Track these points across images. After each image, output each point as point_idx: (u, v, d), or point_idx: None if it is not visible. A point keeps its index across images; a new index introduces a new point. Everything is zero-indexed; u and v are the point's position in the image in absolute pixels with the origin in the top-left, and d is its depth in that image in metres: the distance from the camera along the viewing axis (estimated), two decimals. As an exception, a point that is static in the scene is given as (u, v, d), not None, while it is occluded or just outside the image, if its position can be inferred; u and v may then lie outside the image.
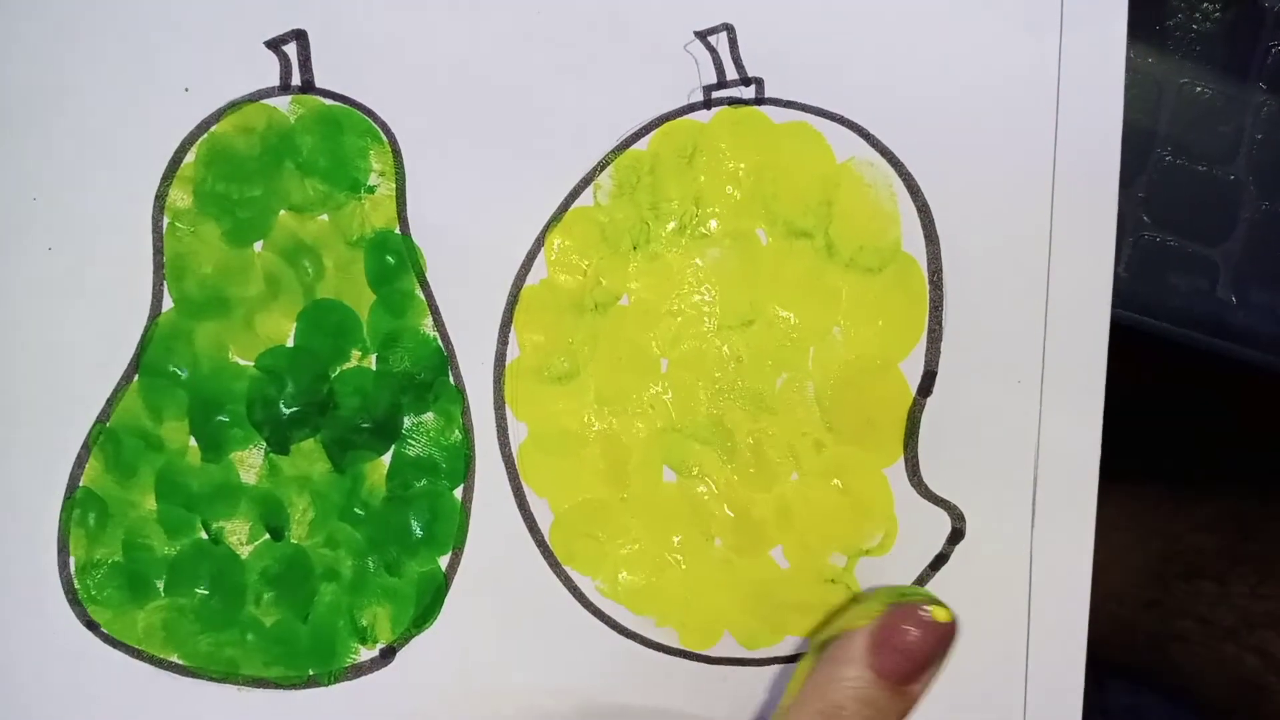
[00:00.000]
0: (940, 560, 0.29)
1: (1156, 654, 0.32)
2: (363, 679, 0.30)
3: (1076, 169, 0.28)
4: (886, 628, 0.26)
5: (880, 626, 0.26)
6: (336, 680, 0.30)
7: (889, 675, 0.25)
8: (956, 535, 0.29)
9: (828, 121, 0.29)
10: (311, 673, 0.30)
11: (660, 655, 0.30)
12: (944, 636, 0.26)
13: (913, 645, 0.26)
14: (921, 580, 0.29)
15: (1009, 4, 0.29)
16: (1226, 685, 0.31)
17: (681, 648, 0.30)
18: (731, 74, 0.29)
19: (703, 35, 0.29)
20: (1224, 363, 0.32)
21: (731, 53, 0.29)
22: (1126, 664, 0.34)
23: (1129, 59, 0.30)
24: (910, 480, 0.29)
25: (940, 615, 0.26)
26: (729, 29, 0.29)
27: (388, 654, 0.30)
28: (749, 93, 0.29)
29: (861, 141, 0.29)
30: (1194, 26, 0.31)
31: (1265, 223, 0.32)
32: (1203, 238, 0.32)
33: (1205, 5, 0.31)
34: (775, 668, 0.30)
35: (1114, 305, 0.32)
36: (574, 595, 0.30)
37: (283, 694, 0.30)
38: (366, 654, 0.30)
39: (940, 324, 0.29)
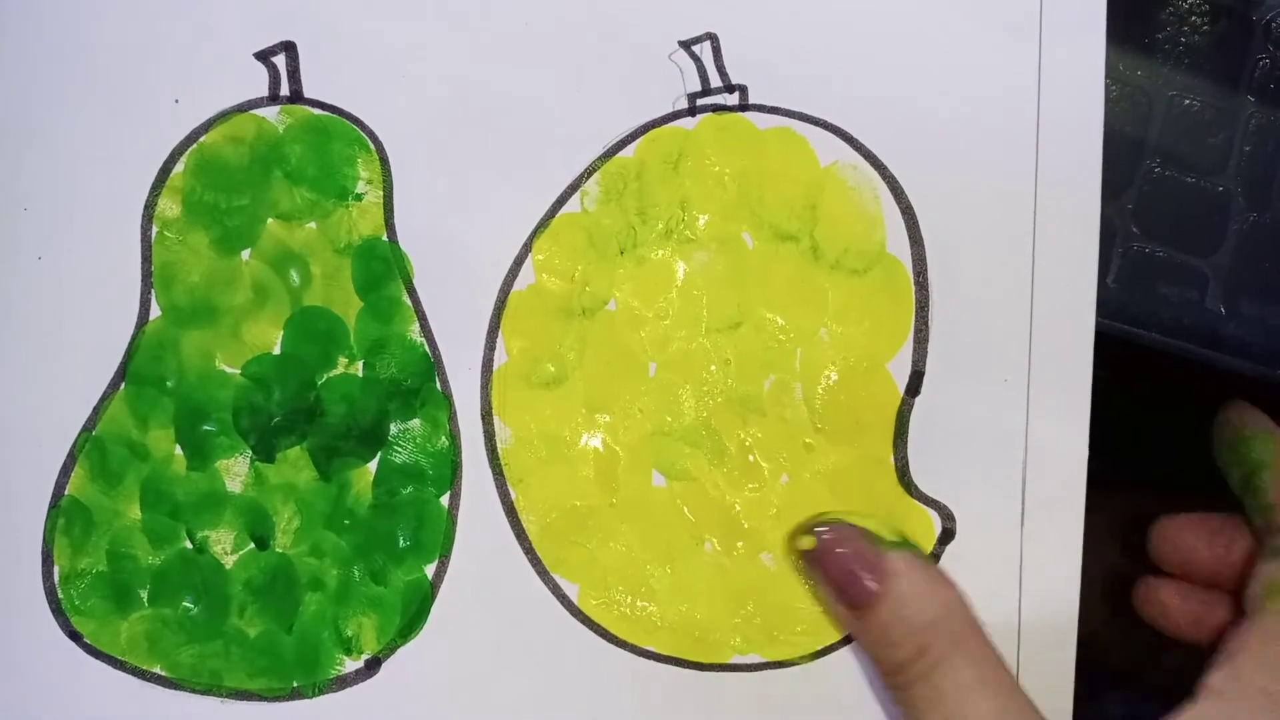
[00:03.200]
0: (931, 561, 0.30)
1: (1151, 663, 0.33)
2: (347, 690, 0.30)
3: (1058, 167, 0.30)
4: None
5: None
6: (321, 692, 0.30)
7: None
8: (947, 535, 0.30)
9: (811, 126, 0.31)
10: (296, 684, 0.30)
11: (651, 662, 0.30)
12: (813, 559, 0.27)
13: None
14: (913, 582, 0.30)
15: (989, 9, 0.30)
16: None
17: (672, 655, 0.30)
18: (715, 82, 0.31)
19: (687, 45, 0.31)
20: (1215, 373, 0.33)
21: (715, 61, 0.31)
22: (1122, 673, 0.34)
23: (1119, 71, 0.32)
24: (900, 480, 0.30)
25: (804, 544, 0.28)
26: (713, 38, 0.30)
27: (373, 665, 0.30)
28: (733, 100, 0.31)
29: (845, 145, 0.30)
30: (1183, 39, 0.32)
31: (1255, 234, 0.33)
32: (1192, 249, 0.33)
33: (1194, 18, 0.32)
34: (767, 673, 0.30)
35: (1104, 316, 0.33)
36: (562, 603, 0.30)
37: (266, 706, 0.30)
38: (351, 665, 0.30)
39: (927, 324, 0.30)
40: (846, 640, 0.31)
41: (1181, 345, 0.33)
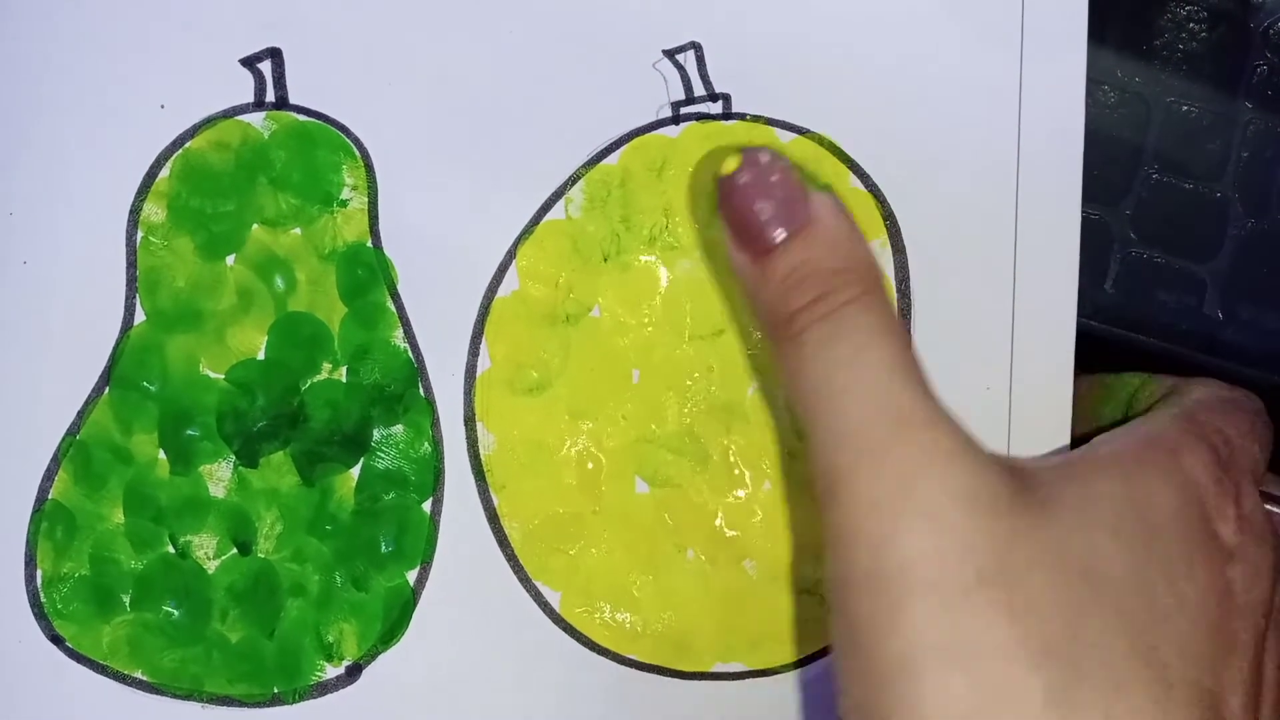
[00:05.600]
0: (913, 569, 0.30)
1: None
2: (328, 697, 0.31)
3: (1040, 174, 0.30)
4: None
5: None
6: (301, 698, 0.31)
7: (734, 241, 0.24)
8: (929, 543, 0.30)
9: (794, 134, 0.31)
10: (276, 690, 0.31)
11: (633, 671, 0.31)
12: (728, 191, 0.24)
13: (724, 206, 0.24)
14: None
15: (970, 17, 0.31)
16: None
17: (654, 663, 0.31)
18: (699, 90, 0.31)
19: (671, 54, 0.31)
20: (1212, 379, 0.33)
21: (699, 70, 0.31)
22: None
23: (1117, 78, 0.32)
24: (882, 488, 0.30)
25: (727, 167, 0.24)
26: (696, 47, 0.31)
27: (354, 671, 0.31)
28: (716, 108, 0.31)
29: (829, 154, 0.31)
30: (1181, 46, 0.33)
31: (1252, 240, 0.33)
32: (1190, 255, 0.34)
33: (1192, 25, 0.33)
34: (749, 681, 0.31)
35: (1102, 322, 0.33)
36: (544, 610, 0.31)
37: (247, 711, 0.31)
38: (332, 671, 0.31)
39: (909, 332, 0.31)
40: (830, 649, 0.31)
41: (1179, 350, 0.33)
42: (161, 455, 0.31)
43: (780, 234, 0.23)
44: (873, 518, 0.21)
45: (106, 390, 0.31)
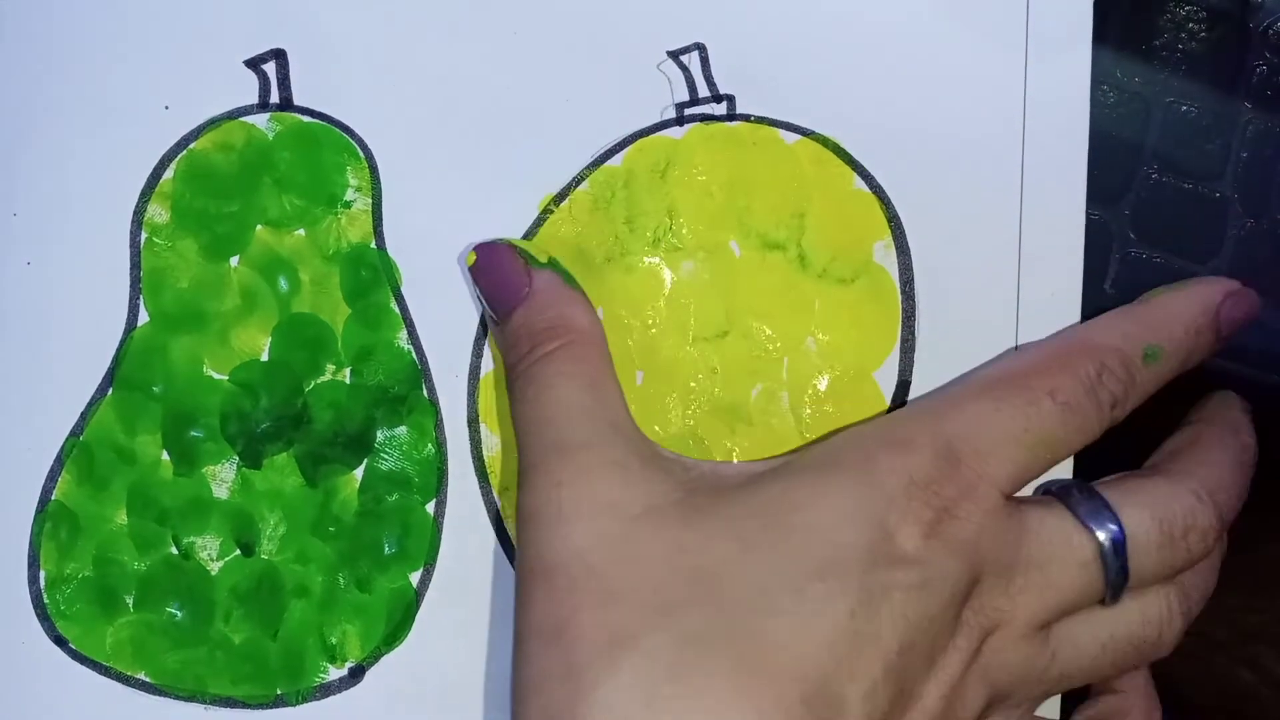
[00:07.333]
0: (917, 571, 0.30)
1: (1149, 666, 0.33)
2: (331, 699, 0.31)
3: (1044, 177, 0.31)
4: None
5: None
6: (304, 700, 0.31)
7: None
8: (933, 545, 0.30)
9: (798, 136, 0.31)
10: (280, 692, 0.31)
11: (635, 673, 0.31)
12: (474, 278, 0.30)
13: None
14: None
15: (975, 18, 0.31)
16: (1218, 697, 0.31)
17: (657, 665, 0.31)
18: (704, 91, 0.31)
19: (675, 55, 0.31)
20: (1211, 378, 0.33)
21: (703, 71, 0.31)
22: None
23: (1116, 78, 0.32)
24: (886, 490, 0.31)
25: (469, 260, 0.30)
26: (700, 48, 0.31)
27: (357, 673, 0.31)
28: (721, 109, 0.31)
29: (832, 155, 0.31)
30: (1180, 46, 0.33)
31: (1251, 239, 0.34)
32: (1189, 254, 0.34)
33: (1192, 25, 0.33)
34: (752, 684, 0.31)
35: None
36: (548, 612, 0.31)
37: (250, 713, 0.31)
38: (335, 673, 0.31)
39: (913, 334, 0.31)
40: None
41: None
42: (165, 456, 0.31)
43: (509, 303, 0.29)
44: (527, 521, 0.27)
45: (110, 391, 0.31)
